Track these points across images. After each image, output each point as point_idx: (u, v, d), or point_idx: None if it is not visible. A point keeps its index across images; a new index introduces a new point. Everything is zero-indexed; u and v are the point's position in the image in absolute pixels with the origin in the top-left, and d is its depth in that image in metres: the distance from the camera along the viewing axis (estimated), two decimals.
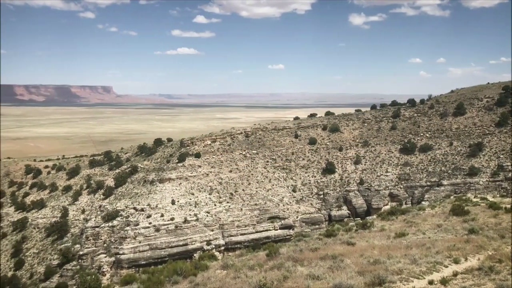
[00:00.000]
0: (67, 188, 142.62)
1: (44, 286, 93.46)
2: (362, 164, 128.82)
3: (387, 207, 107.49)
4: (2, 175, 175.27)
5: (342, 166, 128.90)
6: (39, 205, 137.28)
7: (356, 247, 32.67)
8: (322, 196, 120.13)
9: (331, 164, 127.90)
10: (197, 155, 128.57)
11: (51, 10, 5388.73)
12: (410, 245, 31.43)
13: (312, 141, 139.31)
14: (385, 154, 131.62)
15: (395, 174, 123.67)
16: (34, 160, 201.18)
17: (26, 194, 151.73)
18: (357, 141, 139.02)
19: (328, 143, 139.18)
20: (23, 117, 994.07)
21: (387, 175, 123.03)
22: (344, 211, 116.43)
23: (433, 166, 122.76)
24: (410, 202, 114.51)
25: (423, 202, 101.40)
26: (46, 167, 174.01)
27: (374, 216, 74.68)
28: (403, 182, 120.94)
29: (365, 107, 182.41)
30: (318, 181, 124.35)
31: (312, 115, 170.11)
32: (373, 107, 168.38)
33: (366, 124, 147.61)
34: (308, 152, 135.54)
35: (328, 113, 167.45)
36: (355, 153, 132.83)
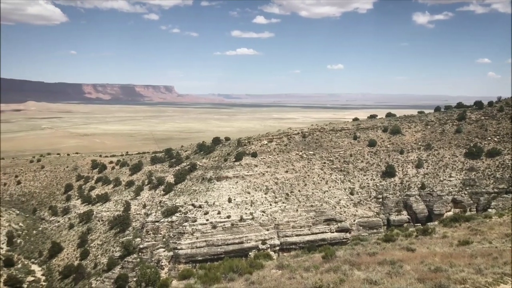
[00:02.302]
0: (130, 183, 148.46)
1: (107, 276, 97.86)
2: (424, 168, 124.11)
3: (450, 213, 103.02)
4: (71, 169, 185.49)
5: (402, 170, 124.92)
6: (104, 198, 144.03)
7: (416, 254, 31.53)
8: (381, 200, 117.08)
9: (391, 167, 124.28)
10: (254, 155, 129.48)
11: (118, 12, 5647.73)
12: (475, 254, 29.86)
13: (372, 143, 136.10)
14: (449, 158, 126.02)
15: (459, 179, 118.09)
16: (100, 156, 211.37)
17: (92, 188, 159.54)
18: (419, 144, 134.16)
19: (388, 146, 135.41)
20: (91, 115, 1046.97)
21: (450, 180, 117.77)
22: (404, 216, 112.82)
23: (501, 172, 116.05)
24: (475, 209, 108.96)
25: (489, 210, 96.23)
26: (111, 162, 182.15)
27: (436, 222, 71.68)
28: (467, 188, 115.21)
29: (428, 109, 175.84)
30: (377, 184, 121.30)
31: (372, 116, 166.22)
32: (437, 109, 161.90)
33: (429, 127, 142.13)
34: (367, 154, 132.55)
35: (389, 115, 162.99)
36: (417, 157, 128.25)
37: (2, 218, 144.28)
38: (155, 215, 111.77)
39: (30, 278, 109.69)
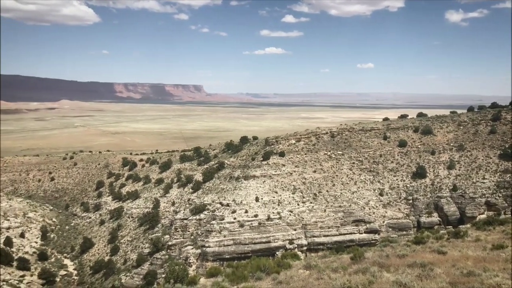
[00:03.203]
0: (159, 181, 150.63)
1: (136, 272, 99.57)
2: (456, 169, 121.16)
3: (483, 216, 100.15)
4: (102, 166, 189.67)
5: (434, 171, 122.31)
6: (134, 195, 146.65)
7: (447, 257, 30.81)
8: (411, 201, 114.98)
9: (422, 168, 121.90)
10: (282, 154, 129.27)
11: (148, 12, 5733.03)
12: (510, 258, 28.94)
13: (402, 144, 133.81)
14: (482, 159, 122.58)
15: (493, 181, 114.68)
16: (131, 154, 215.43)
17: (123, 185, 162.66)
18: (451, 144, 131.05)
19: (419, 146, 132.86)
20: (122, 113, 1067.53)
21: (484, 182, 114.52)
22: (435, 218, 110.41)
23: None
24: (509, 212, 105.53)
25: None
26: (141, 160, 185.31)
27: (468, 225, 69.87)
28: (502, 191, 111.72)
29: (461, 109, 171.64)
30: (407, 185, 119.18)
31: (403, 116, 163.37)
32: (470, 109, 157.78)
33: (461, 127, 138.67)
34: (398, 155, 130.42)
35: (420, 115, 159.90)
36: (449, 157, 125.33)
37: (37, 213, 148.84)
38: (183, 212, 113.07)
39: (62, 272, 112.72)
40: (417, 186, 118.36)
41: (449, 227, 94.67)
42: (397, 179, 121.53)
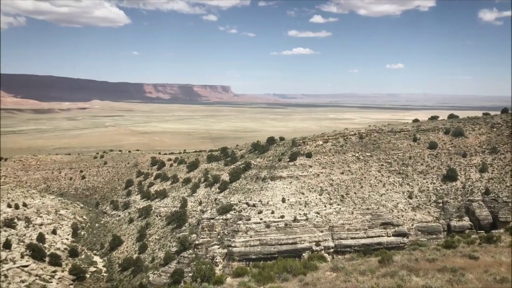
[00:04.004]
0: (187, 181, 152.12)
1: (164, 270, 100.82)
2: (488, 172, 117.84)
3: None
4: (132, 165, 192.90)
5: (465, 174, 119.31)
6: (162, 194, 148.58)
7: (479, 262, 30.02)
8: (441, 204, 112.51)
9: (453, 170, 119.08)
10: (309, 155, 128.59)
11: (178, 14, 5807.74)
12: None
13: (433, 146, 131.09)
14: None
15: None
16: (159, 153, 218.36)
17: (151, 184, 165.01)
18: (483, 147, 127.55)
19: (450, 148, 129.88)
20: (151, 113, 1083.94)
21: None
22: (466, 222, 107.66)
23: None
24: None
25: None
26: (169, 160, 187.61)
27: (501, 230, 67.89)
28: None
29: (494, 111, 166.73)
30: (437, 188, 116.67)
31: (434, 118, 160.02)
32: (504, 110, 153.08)
33: (495, 129, 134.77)
34: (428, 157, 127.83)
35: (451, 116, 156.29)
36: (481, 160, 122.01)
37: (68, 210, 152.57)
38: (210, 212, 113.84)
39: (92, 269, 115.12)
40: (448, 189, 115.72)
41: (481, 231, 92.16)
42: (426, 182, 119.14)
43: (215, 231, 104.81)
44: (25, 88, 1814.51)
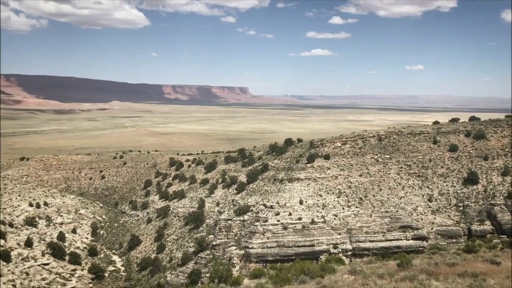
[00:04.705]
0: (205, 181, 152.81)
1: (181, 270, 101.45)
2: (511, 175, 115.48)
3: None
4: (150, 166, 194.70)
5: (486, 177, 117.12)
6: (180, 195, 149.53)
7: (501, 267, 29.39)
8: (461, 208, 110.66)
9: (474, 174, 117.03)
10: (327, 157, 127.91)
11: (196, 15, 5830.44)
12: None
13: (453, 148, 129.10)
14: None
15: None
16: (177, 154, 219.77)
17: (169, 185, 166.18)
18: (506, 150, 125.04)
19: (471, 151, 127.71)
20: (170, 114, 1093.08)
21: None
22: (487, 226, 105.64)
23: None
24: None
25: None
26: (187, 160, 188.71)
27: None
28: None
29: None
30: (458, 191, 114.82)
31: (454, 120, 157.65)
32: None
33: None
34: (448, 160, 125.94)
35: (472, 118, 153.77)
36: (503, 163, 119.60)
37: (88, 210, 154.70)
38: (227, 213, 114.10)
39: (111, 268, 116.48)
40: (469, 193, 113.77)
41: (503, 236, 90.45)
42: (447, 185, 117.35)
43: (233, 232, 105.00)
44: (46, 89, 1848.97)
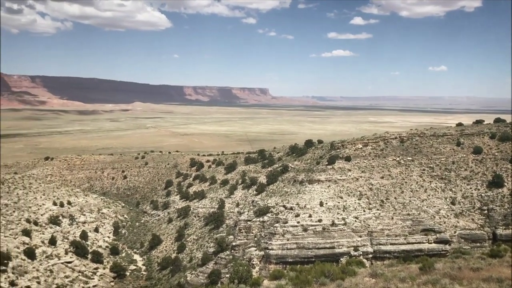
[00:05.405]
0: (225, 182, 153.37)
1: (201, 270, 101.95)
2: None
3: None
4: (171, 166, 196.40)
5: None
6: (200, 195, 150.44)
7: None
8: (486, 211, 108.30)
9: (499, 176, 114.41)
10: (347, 159, 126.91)
11: (217, 17, 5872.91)
12: None
13: (477, 150, 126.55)
14: None
15: None
16: (198, 155, 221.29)
17: (190, 185, 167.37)
18: None
19: (496, 154, 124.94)
20: (190, 115, 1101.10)
21: None
22: None
23: None
24: None
25: None
26: (208, 161, 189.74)
27: None
28: None
29: None
30: (482, 194, 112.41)
31: (478, 122, 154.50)
32: None
33: None
34: (472, 162, 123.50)
35: (497, 120, 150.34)
36: None
37: (110, 209, 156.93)
38: (247, 214, 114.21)
39: (132, 267, 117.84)
40: (493, 196, 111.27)
41: None
42: (470, 188, 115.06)
43: (252, 233, 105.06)
44: (70, 90, 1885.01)
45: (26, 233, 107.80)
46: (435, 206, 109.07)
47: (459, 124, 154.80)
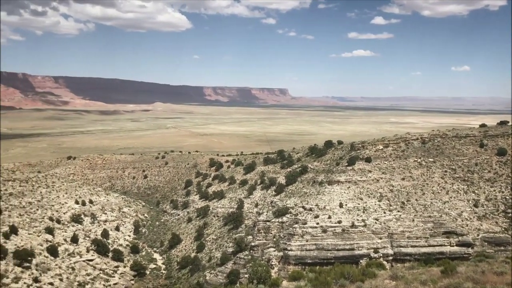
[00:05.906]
0: (244, 182, 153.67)
1: (220, 270, 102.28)
2: None
3: None
4: (191, 166, 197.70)
5: None
6: (219, 195, 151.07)
7: None
8: (510, 214, 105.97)
9: None
10: (368, 160, 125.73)
11: (237, 18, 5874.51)
12: None
13: (502, 152, 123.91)
14: None
15: None
16: (217, 155, 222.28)
17: (209, 185, 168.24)
18: None
19: None
20: (210, 116, 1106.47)
21: None
22: None
23: None
24: None
25: None
26: (227, 161, 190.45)
27: None
28: None
29: None
30: (507, 197, 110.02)
31: (503, 123, 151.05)
32: None
33: None
34: (496, 164, 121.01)
35: None
36: None
37: (130, 208, 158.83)
38: (266, 214, 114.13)
39: (152, 266, 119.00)
40: None
41: None
42: (494, 190, 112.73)
43: (271, 233, 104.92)
44: (92, 91, 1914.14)
45: (49, 231, 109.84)
46: (457, 209, 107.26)
47: (483, 125, 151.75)
